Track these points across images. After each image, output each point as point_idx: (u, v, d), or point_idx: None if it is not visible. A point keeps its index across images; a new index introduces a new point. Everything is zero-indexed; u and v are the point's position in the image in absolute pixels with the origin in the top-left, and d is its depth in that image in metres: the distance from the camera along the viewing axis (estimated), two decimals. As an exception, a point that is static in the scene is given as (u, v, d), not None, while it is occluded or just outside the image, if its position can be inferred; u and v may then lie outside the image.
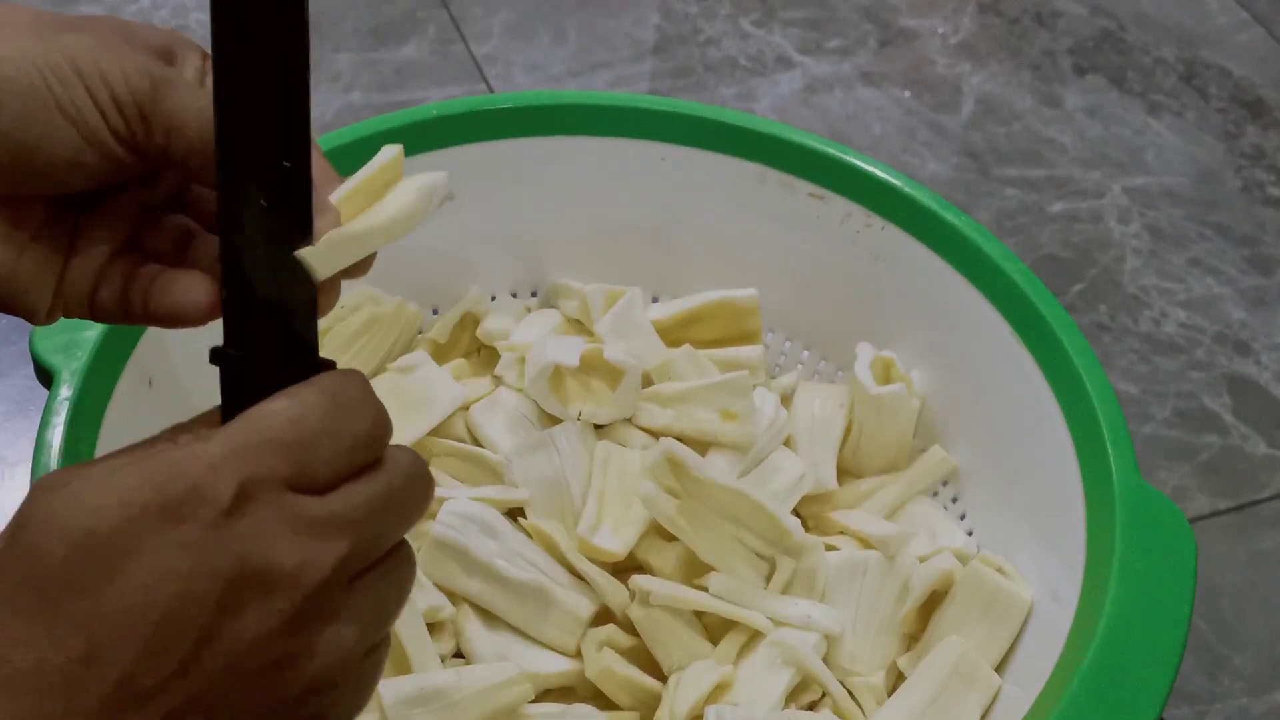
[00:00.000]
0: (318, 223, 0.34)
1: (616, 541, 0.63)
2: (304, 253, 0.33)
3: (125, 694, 0.29)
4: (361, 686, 0.33)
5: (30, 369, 0.59)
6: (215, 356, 0.33)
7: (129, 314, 0.39)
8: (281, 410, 0.31)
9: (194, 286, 0.37)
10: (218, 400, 0.34)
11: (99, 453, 0.58)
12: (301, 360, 0.33)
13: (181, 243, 0.39)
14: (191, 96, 0.36)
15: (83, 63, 0.35)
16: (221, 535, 0.30)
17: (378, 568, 0.33)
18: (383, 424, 0.33)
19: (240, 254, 0.32)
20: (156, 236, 0.40)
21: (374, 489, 0.32)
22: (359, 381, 0.33)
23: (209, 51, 0.35)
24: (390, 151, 0.38)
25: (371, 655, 0.34)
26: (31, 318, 0.38)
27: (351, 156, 0.69)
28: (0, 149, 0.35)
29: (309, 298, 0.33)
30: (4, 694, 0.28)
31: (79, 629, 0.29)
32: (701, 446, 0.69)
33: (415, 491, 0.33)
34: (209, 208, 0.40)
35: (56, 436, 0.56)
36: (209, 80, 0.37)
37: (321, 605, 0.31)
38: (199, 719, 0.30)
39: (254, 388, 0.32)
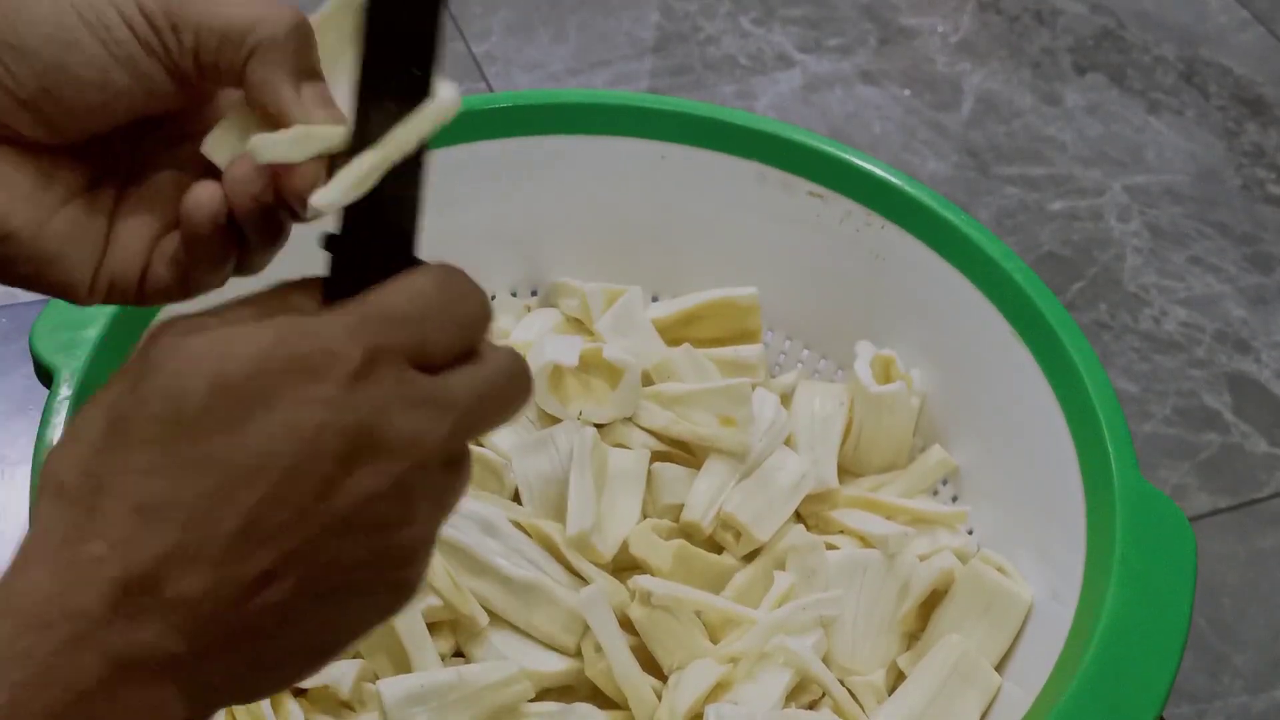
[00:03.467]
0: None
1: (606, 542, 0.64)
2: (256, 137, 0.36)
3: (248, 533, 0.30)
4: (425, 566, 0.35)
5: (30, 368, 0.59)
6: (328, 241, 0.35)
7: (186, 290, 0.39)
8: (402, 291, 0.33)
9: (201, 189, 0.37)
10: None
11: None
12: (404, 254, 0.35)
13: None
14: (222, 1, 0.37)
15: None
16: (349, 397, 0.31)
17: (464, 456, 0.35)
18: (487, 310, 0.35)
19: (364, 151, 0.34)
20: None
21: (478, 377, 0.34)
22: (463, 273, 0.35)
23: None
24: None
25: (433, 540, 0.35)
26: (70, 294, 0.39)
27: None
28: (28, 72, 0.36)
29: (418, 197, 0.35)
30: (140, 520, 0.30)
31: (213, 467, 0.30)
32: (699, 450, 0.69)
33: (514, 386, 0.35)
34: None
35: (56, 436, 0.56)
36: None
37: (422, 478, 0.33)
38: (307, 564, 0.31)
39: (361, 273, 0.34)
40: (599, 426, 0.68)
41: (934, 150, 1.13)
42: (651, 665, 0.62)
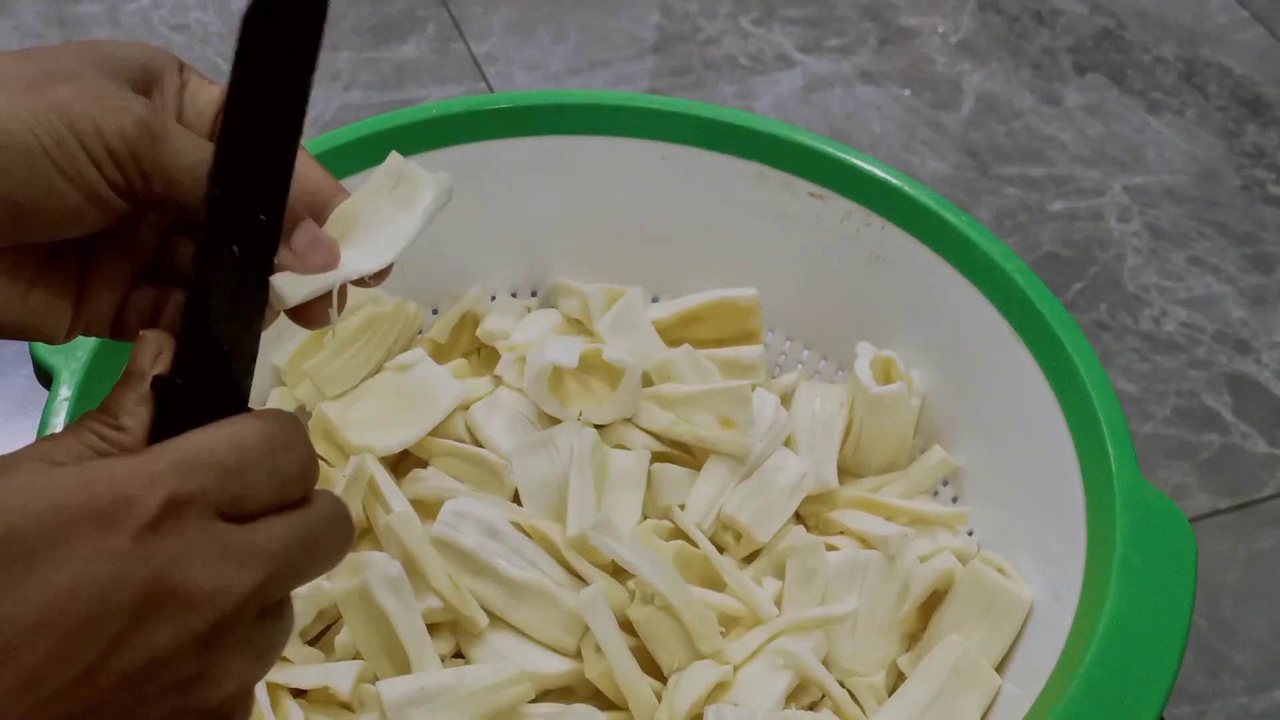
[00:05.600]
0: (303, 240, 0.37)
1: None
2: (275, 279, 0.36)
3: (27, 693, 0.29)
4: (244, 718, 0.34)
5: (30, 369, 0.59)
6: (156, 384, 0.34)
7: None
8: (221, 437, 0.32)
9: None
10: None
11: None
12: (234, 403, 0.35)
13: None
14: (187, 147, 0.36)
15: (76, 117, 0.35)
16: (145, 547, 0.30)
17: (282, 606, 0.34)
18: (312, 465, 0.34)
19: (206, 295, 0.34)
20: (174, 260, 0.40)
21: (295, 527, 0.33)
22: (295, 422, 0.34)
23: (183, 61, 0.38)
24: (393, 163, 0.41)
25: (251, 695, 0.34)
26: (51, 341, 0.39)
27: (351, 156, 0.69)
28: (1, 210, 0.35)
29: (253, 349, 0.35)
30: None
31: None
32: (699, 451, 0.69)
33: (334, 534, 0.34)
34: None
35: (56, 437, 0.56)
36: (189, 89, 0.39)
37: (230, 632, 0.31)
38: None
39: (188, 419, 0.33)
40: (599, 427, 0.68)
41: (934, 150, 1.13)
42: (651, 666, 0.62)
